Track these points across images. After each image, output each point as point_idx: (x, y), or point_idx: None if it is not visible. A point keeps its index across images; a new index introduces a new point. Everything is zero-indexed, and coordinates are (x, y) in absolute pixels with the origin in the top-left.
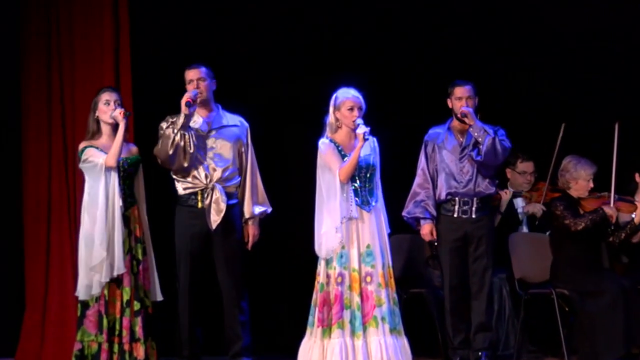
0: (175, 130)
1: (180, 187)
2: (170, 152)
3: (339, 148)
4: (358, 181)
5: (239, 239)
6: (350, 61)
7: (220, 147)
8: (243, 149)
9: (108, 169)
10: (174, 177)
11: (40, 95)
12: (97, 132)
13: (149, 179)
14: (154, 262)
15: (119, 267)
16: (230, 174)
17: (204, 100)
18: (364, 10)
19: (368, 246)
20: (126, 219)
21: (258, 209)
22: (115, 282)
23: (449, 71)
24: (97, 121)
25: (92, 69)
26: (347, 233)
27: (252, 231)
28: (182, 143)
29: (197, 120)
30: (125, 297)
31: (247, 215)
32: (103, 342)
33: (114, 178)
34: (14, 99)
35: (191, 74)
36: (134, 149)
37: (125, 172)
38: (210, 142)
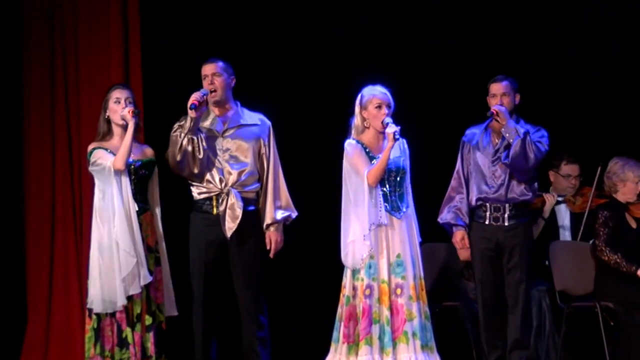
0: (182, 135)
1: (195, 192)
2: (178, 158)
3: (367, 150)
4: (387, 185)
5: (259, 247)
6: (377, 57)
7: (237, 149)
8: (264, 150)
9: (117, 172)
10: (189, 181)
11: (43, 95)
12: (108, 133)
13: (166, 182)
14: (169, 273)
15: (146, 276)
16: (248, 177)
17: (220, 98)
18: (393, 2)
19: (398, 256)
20: (139, 226)
21: (281, 214)
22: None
23: (492, 66)
24: (108, 121)
25: (99, 66)
26: (376, 241)
27: (274, 237)
28: (190, 148)
29: (213, 121)
30: (136, 311)
31: (268, 220)
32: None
33: (126, 181)
34: (15, 98)
35: (206, 69)
36: (148, 151)
37: (137, 176)
38: (225, 143)
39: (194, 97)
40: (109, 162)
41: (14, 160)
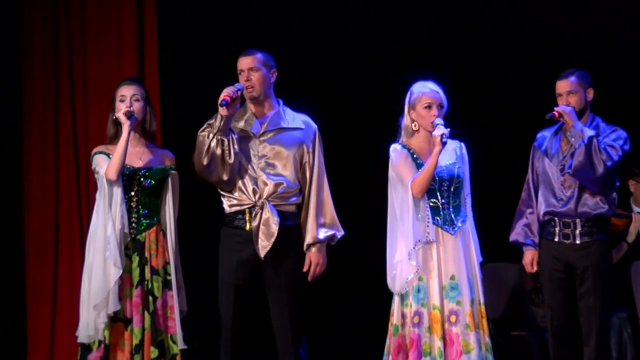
0: (211, 135)
1: (226, 204)
2: (205, 161)
3: (414, 155)
4: (440, 196)
5: (297, 270)
6: (430, 50)
7: (275, 155)
8: (307, 158)
9: (110, 182)
10: (220, 191)
11: (45, 94)
12: (116, 137)
13: (195, 192)
14: (185, 299)
15: (114, 303)
16: (287, 189)
17: (257, 96)
18: None
19: (452, 277)
20: (138, 245)
21: (324, 233)
22: (122, 322)
23: (567, 58)
24: (117, 123)
25: (109, 61)
26: (424, 261)
27: (315, 259)
28: (219, 151)
29: (250, 121)
30: (135, 341)
31: (310, 239)
32: None
33: (117, 193)
34: (13, 100)
35: (242, 63)
36: (167, 157)
37: (141, 187)
38: (261, 148)
39: (226, 92)
40: (103, 170)
41: (11, 170)
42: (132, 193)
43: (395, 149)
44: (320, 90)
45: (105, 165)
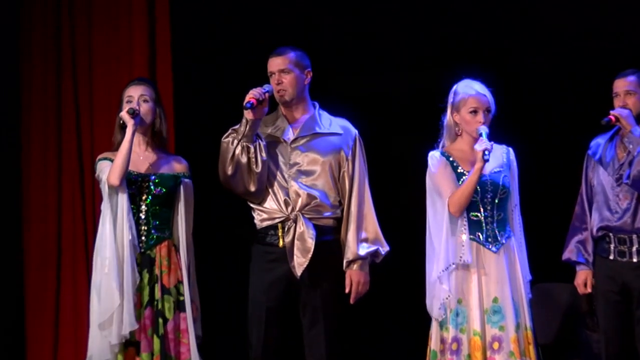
0: (235, 142)
1: (257, 218)
2: (229, 171)
3: (454, 164)
4: (482, 209)
5: (337, 290)
6: (479, 47)
7: (308, 163)
8: (346, 167)
9: (113, 188)
10: (249, 203)
11: (46, 98)
12: (122, 139)
13: (213, 204)
14: (200, 323)
15: (130, 322)
16: (323, 201)
17: (290, 100)
18: None
19: (495, 300)
20: (147, 260)
21: (366, 248)
22: (133, 347)
23: (629, 57)
24: (124, 127)
25: (118, 60)
26: (463, 282)
27: (356, 278)
28: (244, 159)
29: (281, 126)
30: None
31: (350, 256)
32: None
33: (123, 201)
34: (11, 104)
35: (272, 64)
36: (179, 164)
37: (151, 195)
38: (294, 156)
39: (252, 94)
40: (106, 175)
41: (8, 180)
42: (141, 202)
43: (433, 156)
44: (352, 89)
45: (108, 170)
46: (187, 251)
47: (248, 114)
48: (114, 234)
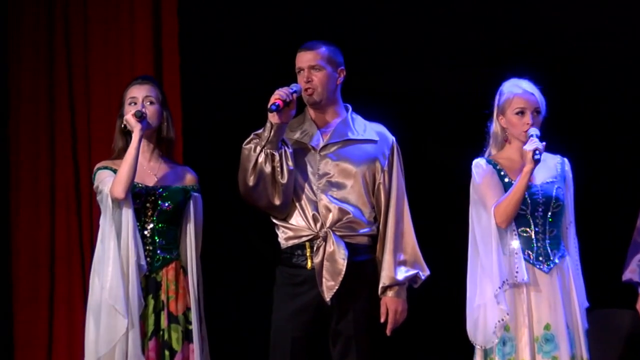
0: (258, 149)
1: (282, 237)
2: (251, 181)
3: (501, 173)
4: (533, 224)
5: (371, 317)
6: (528, 42)
7: (340, 174)
8: (381, 178)
9: (117, 202)
10: (273, 219)
11: (37, 97)
12: (125, 150)
13: (222, 220)
14: (208, 355)
15: (136, 355)
16: (356, 216)
17: (319, 101)
18: None
19: (547, 327)
20: (153, 284)
21: (404, 272)
22: None
23: None
24: (126, 132)
25: (119, 57)
26: (512, 306)
27: (393, 306)
28: (268, 168)
29: (309, 131)
30: None
31: (386, 281)
32: None
33: (128, 216)
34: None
35: (302, 59)
36: (189, 176)
37: (157, 210)
38: (323, 165)
39: (278, 95)
40: (108, 187)
41: None
42: (146, 219)
43: (478, 164)
44: (385, 89)
45: (110, 181)
46: (195, 273)
47: (273, 118)
48: (118, 253)
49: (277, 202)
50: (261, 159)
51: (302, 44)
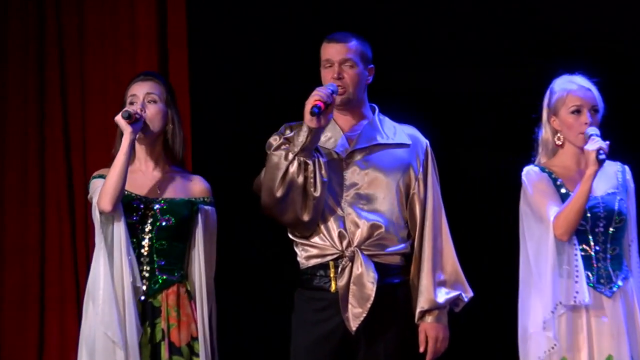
0: (290, 156)
1: (302, 255)
2: (279, 193)
3: (558, 182)
4: (593, 242)
5: (406, 348)
6: (582, 37)
7: (370, 184)
8: (416, 188)
9: (105, 215)
10: (291, 236)
11: (26, 96)
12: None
13: (254, 234)
14: None
15: None
16: (388, 233)
17: (347, 101)
18: None
19: (609, 359)
20: (150, 310)
21: (445, 294)
22: None
23: None
24: None
25: (117, 48)
26: (569, 334)
27: (433, 333)
28: (300, 179)
29: (332, 135)
30: None
31: (425, 305)
32: None
33: (120, 232)
34: None
35: (330, 51)
36: (198, 186)
37: (156, 226)
38: (350, 174)
39: (318, 96)
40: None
41: None
42: (144, 235)
43: (529, 172)
44: (415, 87)
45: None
46: (206, 299)
47: (311, 122)
48: (110, 274)
49: (305, 217)
50: (293, 168)
51: (330, 35)
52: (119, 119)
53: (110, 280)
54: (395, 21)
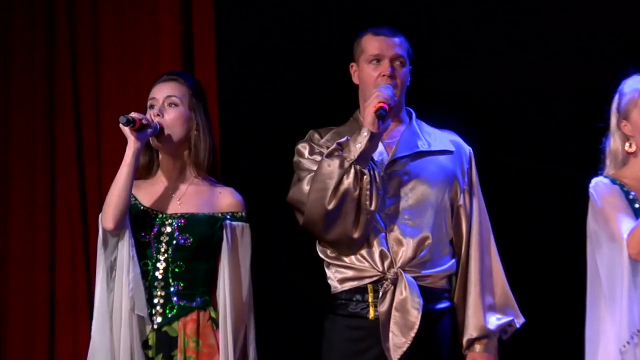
0: (347, 164)
1: (336, 278)
2: (331, 205)
3: (630, 195)
4: None
5: None
6: None
7: (415, 197)
8: (462, 200)
9: (109, 234)
10: (322, 256)
11: (33, 100)
12: (150, 165)
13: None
14: None
15: None
16: (436, 251)
17: (395, 103)
18: None
19: None
20: (165, 341)
21: (496, 320)
22: None
23: None
24: (149, 145)
25: (139, 46)
26: None
27: None
28: (356, 192)
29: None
30: None
31: (474, 332)
32: None
33: (123, 253)
34: None
35: (380, 45)
36: (227, 199)
37: (172, 246)
38: (393, 187)
39: (384, 97)
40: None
41: None
42: (159, 255)
43: (599, 185)
44: (454, 88)
45: None
46: (231, 328)
47: (373, 125)
48: (106, 300)
49: (356, 234)
50: (349, 178)
51: (376, 28)
52: (121, 126)
53: (106, 307)
54: (426, 17)
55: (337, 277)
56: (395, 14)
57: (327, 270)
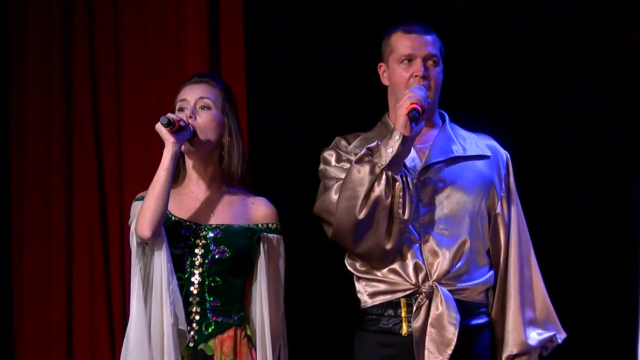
0: (378, 170)
1: (365, 291)
2: (362, 214)
3: None
4: None
5: None
6: None
7: (451, 205)
8: (500, 208)
9: (144, 243)
10: (351, 269)
11: (50, 107)
12: (178, 172)
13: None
14: None
15: None
16: (472, 263)
17: (429, 105)
18: None
19: None
20: (198, 357)
21: (537, 335)
22: None
23: None
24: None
25: (163, 43)
26: None
27: None
28: (388, 200)
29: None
30: None
31: (514, 348)
32: None
33: (161, 263)
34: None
35: (412, 43)
36: (261, 210)
37: (208, 259)
38: (427, 195)
39: (416, 98)
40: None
41: None
42: (193, 269)
43: None
44: (486, 89)
45: None
46: (270, 346)
47: (405, 128)
48: (144, 314)
49: (388, 245)
50: (381, 185)
51: (407, 25)
52: (159, 127)
53: (144, 321)
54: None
55: (367, 291)
56: (426, 10)
57: (356, 283)
